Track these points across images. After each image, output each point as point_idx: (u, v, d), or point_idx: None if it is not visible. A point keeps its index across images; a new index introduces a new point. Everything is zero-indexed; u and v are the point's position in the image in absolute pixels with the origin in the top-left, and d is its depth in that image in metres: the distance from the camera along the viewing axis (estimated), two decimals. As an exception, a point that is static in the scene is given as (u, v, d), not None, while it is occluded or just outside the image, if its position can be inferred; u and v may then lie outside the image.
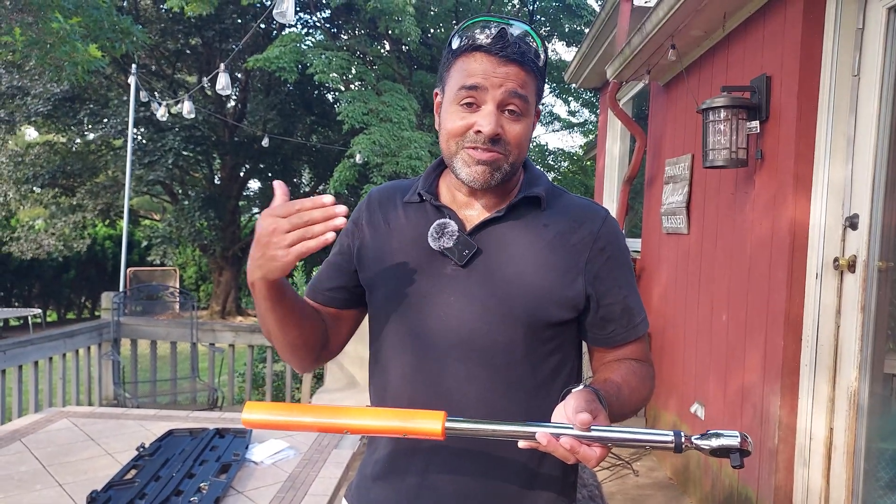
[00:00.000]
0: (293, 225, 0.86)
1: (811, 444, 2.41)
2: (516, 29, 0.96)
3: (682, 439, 0.82)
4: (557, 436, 0.81)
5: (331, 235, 0.86)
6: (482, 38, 0.95)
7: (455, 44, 0.98)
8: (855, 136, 2.29)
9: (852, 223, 2.29)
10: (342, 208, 0.87)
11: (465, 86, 0.95)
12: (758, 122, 2.62)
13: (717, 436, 0.81)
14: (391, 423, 0.87)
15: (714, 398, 3.11)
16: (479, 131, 0.95)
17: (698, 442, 0.82)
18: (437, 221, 1.02)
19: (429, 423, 0.85)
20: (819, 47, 2.38)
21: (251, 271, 0.92)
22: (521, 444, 0.83)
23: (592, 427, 0.81)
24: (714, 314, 3.15)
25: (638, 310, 1.08)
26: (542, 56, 0.99)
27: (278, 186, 0.91)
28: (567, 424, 0.82)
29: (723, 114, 2.63)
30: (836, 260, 2.33)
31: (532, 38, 0.97)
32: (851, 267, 2.28)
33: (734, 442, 0.81)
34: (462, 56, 0.97)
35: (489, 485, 1.01)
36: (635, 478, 3.66)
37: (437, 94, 1.06)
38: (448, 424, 0.85)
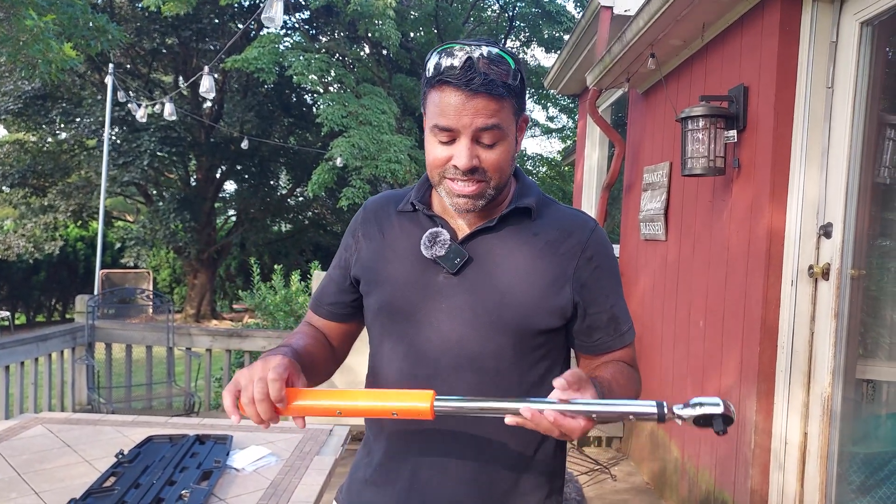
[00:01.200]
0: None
1: (786, 448, 2.46)
2: (485, 52, 0.95)
3: (665, 410, 0.83)
4: (542, 410, 0.83)
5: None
6: (450, 69, 0.94)
7: (428, 71, 0.99)
8: (829, 146, 2.35)
9: (826, 232, 2.34)
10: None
11: (438, 126, 0.97)
12: (735, 131, 2.67)
13: (700, 405, 0.83)
14: (381, 403, 0.89)
15: (691, 403, 3.15)
16: (456, 166, 0.98)
17: (681, 412, 0.83)
18: (430, 230, 1.05)
19: (418, 402, 0.87)
20: (795, 59, 2.43)
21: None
22: (508, 419, 0.85)
23: (574, 401, 0.83)
24: (691, 320, 3.20)
25: (624, 319, 1.11)
26: (516, 75, 0.99)
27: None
28: (552, 400, 0.84)
29: (701, 123, 2.68)
30: (810, 268, 2.38)
31: (503, 58, 0.97)
32: (825, 274, 2.34)
33: (717, 410, 0.82)
34: (434, 88, 0.97)
35: (478, 488, 1.04)
36: (613, 483, 3.70)
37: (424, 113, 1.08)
38: (437, 404, 0.87)
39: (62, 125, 12.97)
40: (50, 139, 13.77)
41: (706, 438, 2.97)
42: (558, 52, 5.81)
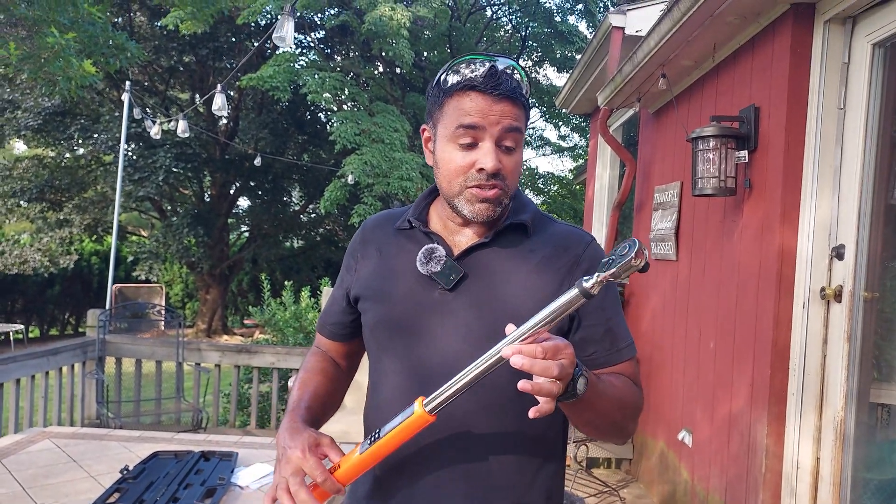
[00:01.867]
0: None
1: (798, 472, 2.41)
2: (503, 64, 1.00)
3: (585, 284, 0.83)
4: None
5: None
6: (474, 76, 0.98)
7: (449, 82, 1.01)
8: (841, 167, 2.33)
9: (839, 253, 2.32)
10: None
11: (464, 125, 0.99)
12: (746, 151, 2.66)
13: (612, 262, 0.82)
14: (394, 442, 0.91)
15: (701, 425, 3.11)
16: (482, 169, 0.99)
17: (602, 276, 0.83)
18: (426, 246, 1.06)
19: (413, 417, 0.88)
20: (806, 80, 2.42)
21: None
22: (506, 354, 0.83)
23: (527, 323, 0.84)
24: (702, 341, 3.17)
25: (623, 335, 1.09)
26: (527, 90, 1.04)
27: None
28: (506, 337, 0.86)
29: (712, 143, 2.67)
30: (822, 289, 2.35)
31: (518, 72, 1.02)
32: (838, 297, 2.31)
33: (629, 259, 0.81)
34: (455, 95, 1.00)
35: (476, 498, 1.02)
36: (623, 505, 3.64)
37: (425, 129, 1.09)
38: (428, 406, 0.88)
39: (80, 141, 13.15)
40: (68, 155, 13.96)
41: (716, 461, 2.92)
42: (570, 71, 5.83)
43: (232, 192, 15.14)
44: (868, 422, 2.44)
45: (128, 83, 7.30)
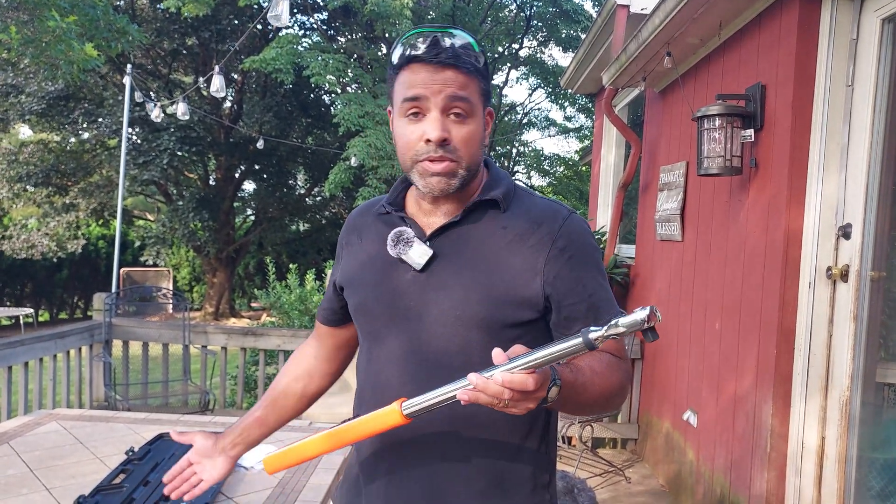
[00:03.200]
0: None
1: (803, 452, 2.41)
2: (451, 34, 0.99)
3: (591, 336, 0.80)
4: (489, 376, 0.81)
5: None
6: (417, 49, 0.97)
7: (394, 59, 1.00)
8: (848, 145, 2.30)
9: (845, 233, 2.30)
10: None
11: (407, 97, 0.98)
12: (752, 130, 2.63)
13: (622, 314, 0.80)
14: (361, 430, 0.94)
15: (707, 405, 3.11)
16: (428, 139, 0.97)
17: (607, 332, 0.80)
18: (395, 230, 1.05)
19: (389, 416, 0.90)
20: (813, 57, 2.38)
21: None
22: (460, 396, 0.82)
23: (513, 359, 0.81)
24: (707, 321, 3.16)
25: (606, 308, 1.05)
26: (480, 58, 1.01)
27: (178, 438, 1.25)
28: (493, 367, 0.82)
29: (717, 122, 2.64)
30: (828, 269, 2.34)
31: (467, 41, 1.00)
32: (844, 276, 2.29)
33: (639, 317, 0.78)
34: (402, 70, 0.99)
35: (461, 482, 1.03)
36: (627, 485, 3.66)
37: (389, 111, 1.08)
38: (406, 410, 0.89)
39: (84, 125, 13.15)
40: (73, 139, 13.96)
41: (722, 441, 2.92)
42: (575, 51, 5.76)
43: (237, 175, 15.13)
44: (874, 401, 2.43)
45: (129, 66, 7.28)
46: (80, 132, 13.60)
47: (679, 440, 3.46)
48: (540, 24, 14.94)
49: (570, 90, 6.60)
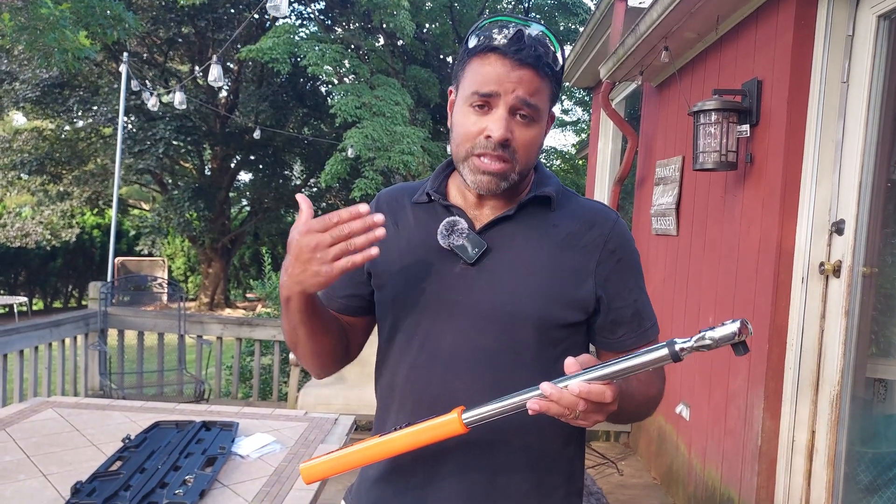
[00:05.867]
0: (335, 238, 0.86)
1: (793, 446, 2.44)
2: (534, 31, 0.94)
3: (678, 347, 0.78)
4: (563, 386, 0.80)
5: (374, 250, 0.87)
6: (499, 38, 0.93)
7: (472, 42, 0.96)
8: (843, 141, 2.32)
9: (838, 228, 2.32)
10: (380, 217, 0.88)
11: (479, 92, 0.94)
12: (748, 125, 2.64)
13: (711, 329, 0.77)
14: (416, 439, 0.89)
15: (699, 400, 3.14)
16: (489, 136, 0.94)
17: (695, 344, 0.78)
18: (448, 219, 1.01)
19: (448, 425, 0.87)
20: (810, 53, 2.39)
21: (289, 286, 0.92)
22: (530, 406, 0.81)
23: (590, 368, 0.80)
24: (701, 315, 3.18)
25: (648, 314, 1.07)
26: (559, 60, 0.97)
27: (302, 200, 0.91)
28: (567, 376, 0.81)
29: (714, 117, 2.65)
30: (821, 265, 2.36)
31: (550, 41, 0.95)
32: (837, 272, 2.31)
33: (731, 330, 0.76)
34: (477, 56, 0.95)
35: (497, 486, 1.00)
36: (620, 477, 3.69)
37: (451, 91, 1.04)
38: (467, 419, 0.86)
39: (79, 113, 13.09)
40: (67, 127, 13.90)
41: (714, 435, 2.95)
42: (573, 44, 5.76)
43: (233, 165, 15.09)
44: (865, 396, 2.46)
45: (125, 54, 7.23)
46: (75, 120, 13.54)
47: (672, 434, 3.49)
48: (538, 15, 14.89)
49: (567, 83, 6.60)
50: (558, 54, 0.97)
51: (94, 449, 1.88)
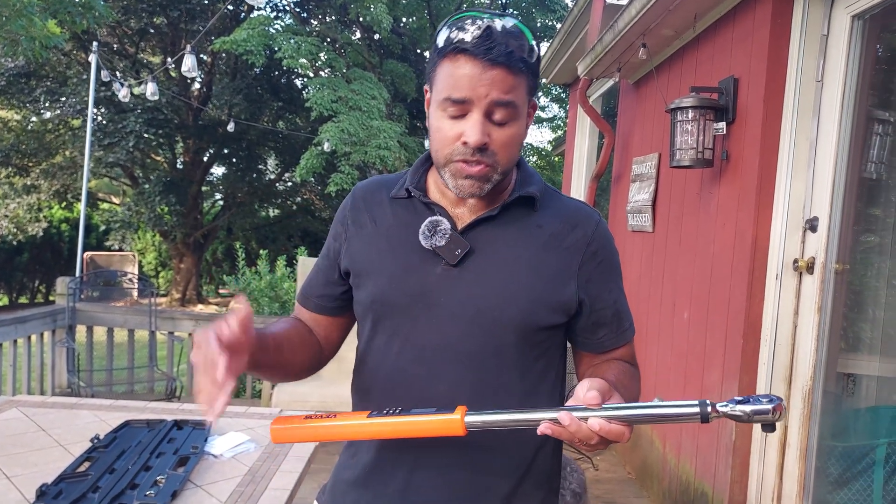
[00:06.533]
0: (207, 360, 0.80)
1: (766, 440, 2.47)
2: (504, 24, 0.91)
3: (709, 409, 0.77)
4: (582, 418, 0.79)
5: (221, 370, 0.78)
6: (467, 38, 0.89)
7: (441, 41, 0.92)
8: (817, 140, 2.35)
9: (812, 226, 2.34)
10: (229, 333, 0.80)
11: (451, 97, 0.91)
12: (724, 123, 2.66)
13: (746, 401, 0.77)
14: (410, 429, 0.86)
15: (674, 394, 3.17)
16: (466, 142, 0.92)
17: (726, 410, 0.77)
18: (430, 219, 0.98)
19: (448, 424, 0.84)
20: (785, 51, 2.42)
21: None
22: (542, 429, 0.80)
23: (610, 406, 0.79)
24: (676, 312, 3.20)
25: (626, 314, 1.08)
26: (534, 51, 0.94)
27: (238, 310, 0.84)
28: (590, 406, 0.80)
29: (690, 114, 2.66)
30: (795, 261, 2.38)
31: (522, 32, 0.92)
32: (810, 269, 2.34)
33: (766, 407, 0.76)
34: (447, 58, 0.91)
35: (479, 485, 0.99)
36: (595, 472, 3.71)
37: (426, 90, 1.01)
38: (468, 419, 0.84)
39: (46, 104, 12.77)
40: (34, 118, 13.56)
41: (688, 431, 2.98)
42: (550, 40, 5.77)
43: (205, 159, 14.86)
44: (835, 391, 2.50)
45: (95, 44, 7.06)
46: (42, 111, 13.21)
47: (646, 429, 3.51)
48: (516, 12, 14.91)
49: (544, 80, 6.61)
50: (533, 45, 0.93)
51: (60, 449, 1.82)
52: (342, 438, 0.92)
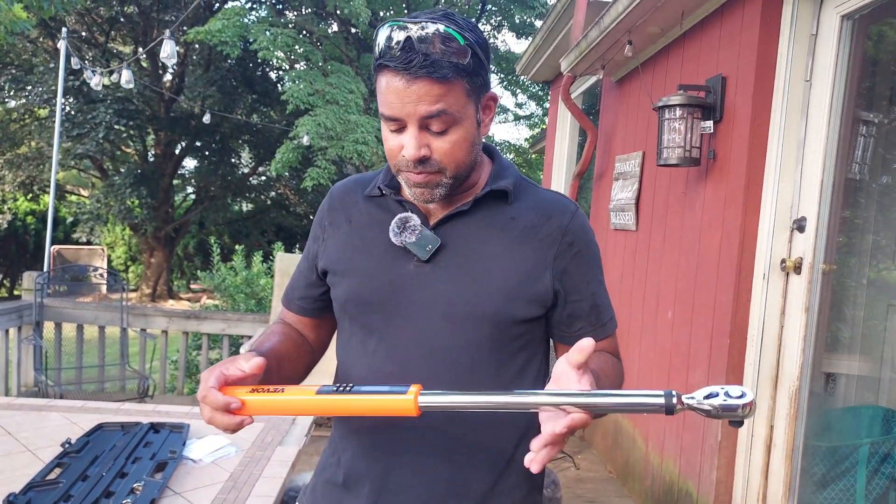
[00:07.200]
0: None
1: (752, 441, 2.47)
2: (427, 30, 0.86)
3: (675, 400, 0.73)
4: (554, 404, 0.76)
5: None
6: (389, 52, 0.87)
7: (375, 53, 0.91)
8: (805, 140, 2.34)
9: (800, 226, 2.34)
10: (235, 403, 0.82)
11: (385, 115, 0.91)
12: (712, 122, 2.65)
13: (715, 395, 0.72)
14: (363, 406, 0.81)
15: (657, 393, 3.16)
16: (404, 156, 0.92)
17: (692, 402, 0.73)
18: (399, 215, 0.98)
19: (401, 403, 0.78)
20: (774, 51, 2.41)
21: None
22: (535, 469, 0.79)
23: (571, 392, 0.75)
24: (660, 310, 3.20)
25: (606, 308, 1.06)
26: (466, 52, 0.88)
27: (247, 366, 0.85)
28: (547, 391, 0.77)
29: (678, 112, 2.64)
30: (782, 261, 2.38)
31: (449, 34, 0.87)
32: (797, 269, 2.33)
33: (735, 403, 0.71)
34: (378, 71, 0.90)
35: (455, 488, 0.98)
36: (576, 471, 3.70)
37: None
38: (422, 399, 0.78)
39: (11, 93, 12.41)
40: (-2, 107, 13.17)
41: (671, 429, 2.97)
42: (530, 37, 5.75)
43: (177, 151, 14.58)
44: (821, 391, 2.50)
45: (64, 31, 6.85)
46: (7, 100, 12.83)
47: (628, 428, 3.51)
48: (495, 8, 14.89)
49: (524, 77, 6.58)
50: (465, 45, 0.88)
51: (29, 455, 1.73)
52: (287, 413, 0.89)
